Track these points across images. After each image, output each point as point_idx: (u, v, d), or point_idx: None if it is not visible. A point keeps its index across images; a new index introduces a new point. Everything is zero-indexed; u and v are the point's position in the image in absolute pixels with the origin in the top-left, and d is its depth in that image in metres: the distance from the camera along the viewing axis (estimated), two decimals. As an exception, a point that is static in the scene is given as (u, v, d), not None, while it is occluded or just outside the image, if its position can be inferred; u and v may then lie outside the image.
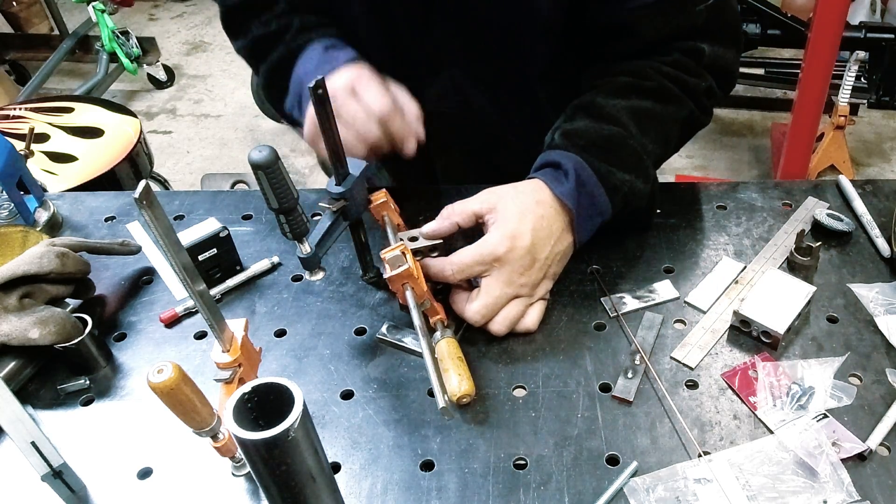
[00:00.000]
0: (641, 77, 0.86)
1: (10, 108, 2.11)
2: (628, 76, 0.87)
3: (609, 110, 0.83)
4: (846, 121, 2.59)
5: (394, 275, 0.71)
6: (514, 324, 0.77)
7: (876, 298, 0.80)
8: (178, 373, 0.56)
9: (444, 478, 0.66)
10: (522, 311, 0.78)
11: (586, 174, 0.79)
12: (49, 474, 0.64)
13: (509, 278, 0.75)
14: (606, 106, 0.84)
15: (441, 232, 0.79)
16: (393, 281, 0.72)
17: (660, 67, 0.87)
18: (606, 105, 0.84)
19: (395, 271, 0.71)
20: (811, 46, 2.15)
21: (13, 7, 3.81)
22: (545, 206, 0.78)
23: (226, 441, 0.63)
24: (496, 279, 0.75)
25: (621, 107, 0.84)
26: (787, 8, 3.15)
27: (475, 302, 0.76)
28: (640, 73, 0.86)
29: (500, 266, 0.75)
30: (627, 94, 0.85)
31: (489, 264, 0.75)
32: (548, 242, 0.78)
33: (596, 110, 0.84)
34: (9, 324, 0.73)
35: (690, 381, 0.73)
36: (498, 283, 0.75)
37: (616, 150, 0.82)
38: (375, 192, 0.82)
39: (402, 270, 0.71)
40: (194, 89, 3.64)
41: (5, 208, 0.94)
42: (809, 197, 0.95)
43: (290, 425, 0.47)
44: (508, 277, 0.75)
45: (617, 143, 0.82)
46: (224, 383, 0.64)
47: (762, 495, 0.63)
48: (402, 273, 0.71)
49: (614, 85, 0.87)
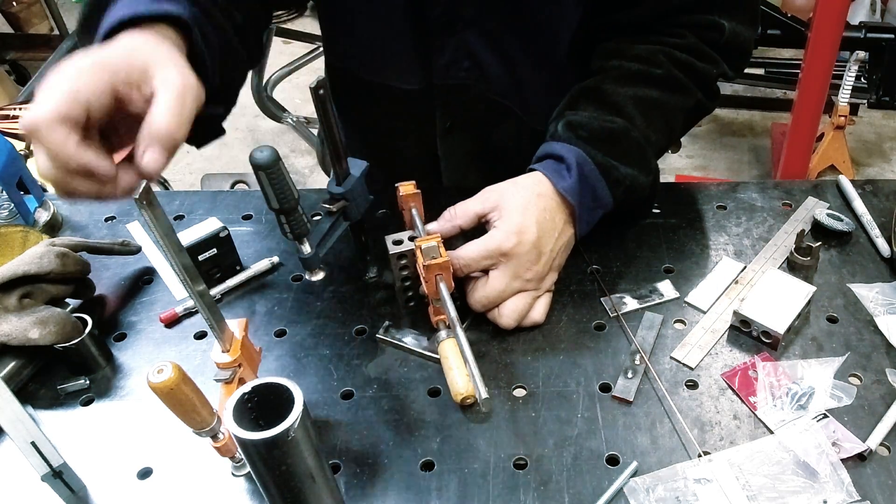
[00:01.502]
0: (651, 64, 0.85)
1: (10, 108, 2.11)
2: (638, 62, 0.85)
3: (615, 98, 0.83)
4: (846, 121, 2.59)
5: (431, 265, 0.71)
6: (522, 317, 0.77)
7: (876, 298, 0.80)
8: (178, 373, 0.55)
9: (444, 478, 0.66)
10: (530, 304, 0.78)
11: (589, 168, 0.79)
12: (49, 474, 0.64)
13: (516, 272, 0.76)
14: (613, 94, 0.83)
15: (443, 234, 0.79)
16: (429, 271, 0.72)
17: (671, 53, 0.85)
18: (613, 93, 0.83)
19: (431, 262, 0.71)
20: (811, 46, 2.15)
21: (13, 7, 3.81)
22: (547, 199, 0.78)
23: (226, 441, 0.63)
24: (503, 273, 0.76)
25: (628, 95, 0.83)
26: (787, 8, 3.15)
27: (478, 291, 0.77)
28: (649, 60, 0.85)
29: (507, 260, 0.75)
30: (635, 82, 0.84)
31: (496, 258, 0.76)
32: (552, 235, 0.78)
33: (601, 98, 0.83)
34: (9, 324, 0.73)
35: (690, 381, 0.73)
36: (505, 276, 0.76)
37: (620, 144, 0.81)
38: (404, 183, 0.81)
39: (439, 261, 0.71)
40: (194, 89, 3.64)
41: (5, 208, 0.94)
42: (809, 197, 0.95)
43: (290, 425, 0.47)
44: (515, 272, 0.76)
45: (621, 137, 0.81)
46: (224, 383, 0.64)
47: (762, 495, 0.63)
48: (439, 264, 0.71)
49: (622, 71, 0.85)
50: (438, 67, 0.93)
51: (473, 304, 0.77)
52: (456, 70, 0.94)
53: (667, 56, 0.85)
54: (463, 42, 0.91)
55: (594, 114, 0.82)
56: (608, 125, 0.81)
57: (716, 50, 0.87)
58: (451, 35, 0.91)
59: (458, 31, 0.90)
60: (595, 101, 0.83)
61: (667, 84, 0.85)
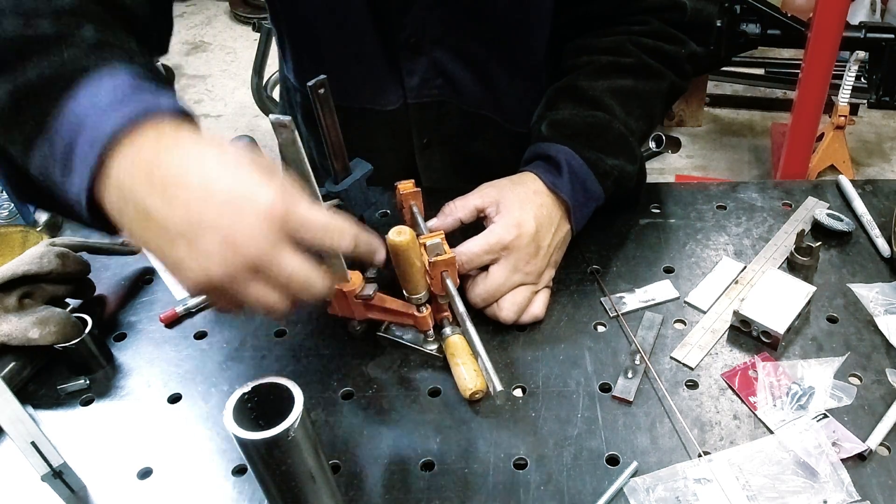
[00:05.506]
0: (620, 54, 0.87)
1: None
2: (607, 55, 0.87)
3: (592, 93, 0.84)
4: (846, 121, 2.59)
5: (437, 261, 0.71)
6: (522, 310, 0.78)
7: (876, 298, 0.80)
8: (413, 237, 0.67)
9: (444, 478, 0.66)
10: (529, 298, 0.78)
11: (577, 163, 0.80)
12: (49, 474, 0.64)
13: (516, 265, 0.76)
14: (589, 89, 0.85)
15: (444, 228, 0.79)
16: (434, 268, 0.72)
17: (638, 40, 0.87)
18: (589, 88, 0.85)
19: (437, 258, 0.71)
20: (811, 46, 2.15)
21: (13, 7, 3.81)
22: (542, 195, 0.80)
23: (426, 315, 0.73)
24: (503, 266, 0.76)
25: (603, 88, 0.84)
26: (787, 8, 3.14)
27: (478, 286, 0.77)
28: (618, 50, 0.87)
29: (508, 254, 0.76)
30: (608, 74, 0.86)
31: (497, 253, 0.76)
32: (549, 230, 0.79)
33: (579, 95, 0.85)
34: (9, 324, 0.73)
35: (690, 381, 0.73)
36: (504, 270, 0.76)
37: (603, 136, 0.83)
38: (403, 181, 0.82)
39: (445, 257, 0.71)
40: (194, 89, 3.64)
41: (5, 208, 0.94)
42: (809, 197, 0.95)
43: (290, 425, 0.47)
44: (515, 265, 0.76)
45: (603, 129, 0.83)
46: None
47: (762, 495, 0.63)
48: (444, 260, 0.71)
49: (594, 66, 0.87)
50: (411, 87, 0.93)
51: (474, 297, 0.77)
52: (428, 88, 0.95)
53: (634, 44, 0.87)
54: (433, 61, 0.92)
55: (574, 111, 0.84)
56: (590, 120, 0.83)
57: (680, 29, 0.89)
58: (419, 55, 0.91)
59: (426, 51, 0.91)
60: (573, 99, 0.85)
61: (639, 71, 0.87)
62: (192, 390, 0.75)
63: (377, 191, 0.98)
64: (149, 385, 0.76)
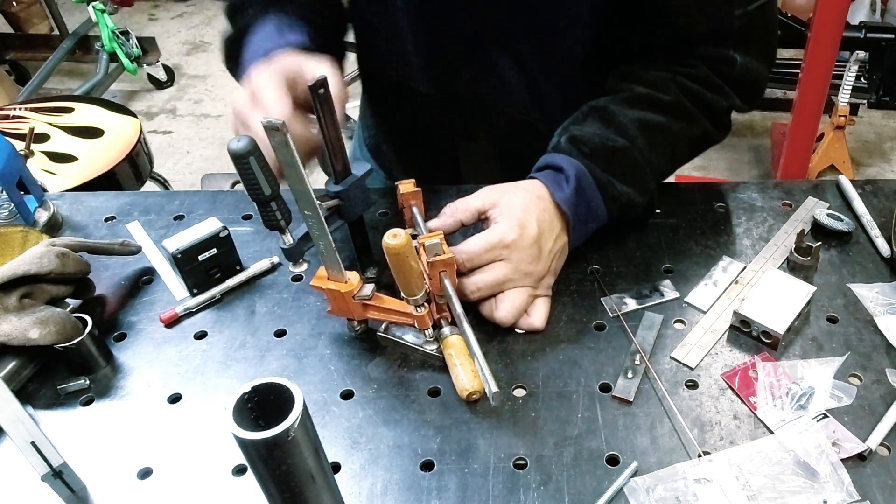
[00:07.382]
0: (660, 90, 0.86)
1: (10, 108, 2.11)
2: (647, 87, 0.87)
3: (620, 119, 0.84)
4: (846, 121, 2.60)
5: (435, 261, 0.71)
6: (519, 313, 0.77)
7: (876, 298, 0.80)
8: (409, 240, 0.67)
9: (444, 478, 0.66)
10: (528, 302, 0.78)
11: (587, 181, 0.80)
12: (49, 474, 0.64)
13: (517, 266, 0.76)
14: (619, 114, 0.84)
15: (444, 229, 0.79)
16: (432, 268, 0.72)
17: (681, 81, 0.87)
18: (619, 114, 0.84)
19: (435, 259, 0.71)
20: (811, 46, 2.15)
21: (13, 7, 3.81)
22: (545, 202, 0.79)
23: (425, 314, 0.72)
24: (503, 264, 0.76)
25: (633, 118, 0.84)
26: (787, 8, 3.15)
27: (475, 275, 0.77)
28: (659, 86, 0.86)
29: (509, 253, 0.76)
30: (643, 105, 0.85)
31: (498, 251, 0.76)
32: (551, 236, 0.79)
33: (607, 117, 0.85)
34: (9, 324, 0.73)
35: (690, 381, 0.74)
36: (504, 268, 0.76)
37: (619, 162, 0.82)
38: (404, 181, 0.82)
39: (443, 258, 0.71)
40: (194, 89, 3.64)
41: (5, 208, 0.94)
42: (809, 197, 0.95)
43: (290, 425, 0.47)
44: (516, 265, 0.76)
45: (621, 156, 0.83)
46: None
47: (762, 495, 0.63)
48: (443, 260, 0.72)
49: (632, 94, 0.87)
50: (462, 81, 0.94)
51: (468, 286, 0.77)
52: (480, 84, 0.96)
53: (676, 84, 0.86)
54: (489, 60, 0.94)
55: (598, 131, 0.83)
56: (610, 143, 0.82)
57: (727, 82, 0.88)
58: (473, 53, 0.93)
59: (485, 48, 0.93)
60: (601, 120, 0.85)
61: (673, 111, 0.86)
62: (192, 390, 0.75)
63: (377, 191, 0.99)
64: (149, 385, 0.76)
